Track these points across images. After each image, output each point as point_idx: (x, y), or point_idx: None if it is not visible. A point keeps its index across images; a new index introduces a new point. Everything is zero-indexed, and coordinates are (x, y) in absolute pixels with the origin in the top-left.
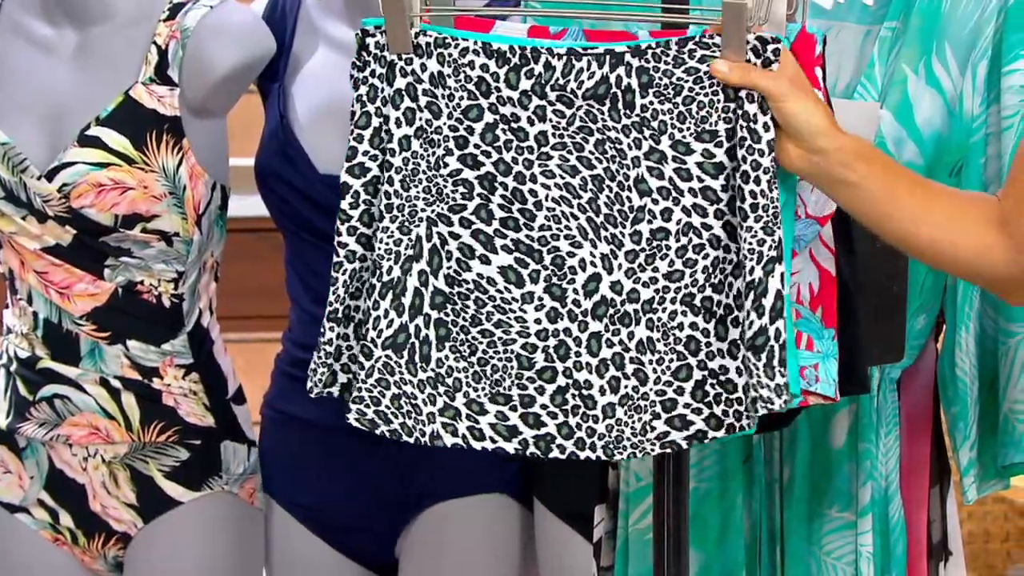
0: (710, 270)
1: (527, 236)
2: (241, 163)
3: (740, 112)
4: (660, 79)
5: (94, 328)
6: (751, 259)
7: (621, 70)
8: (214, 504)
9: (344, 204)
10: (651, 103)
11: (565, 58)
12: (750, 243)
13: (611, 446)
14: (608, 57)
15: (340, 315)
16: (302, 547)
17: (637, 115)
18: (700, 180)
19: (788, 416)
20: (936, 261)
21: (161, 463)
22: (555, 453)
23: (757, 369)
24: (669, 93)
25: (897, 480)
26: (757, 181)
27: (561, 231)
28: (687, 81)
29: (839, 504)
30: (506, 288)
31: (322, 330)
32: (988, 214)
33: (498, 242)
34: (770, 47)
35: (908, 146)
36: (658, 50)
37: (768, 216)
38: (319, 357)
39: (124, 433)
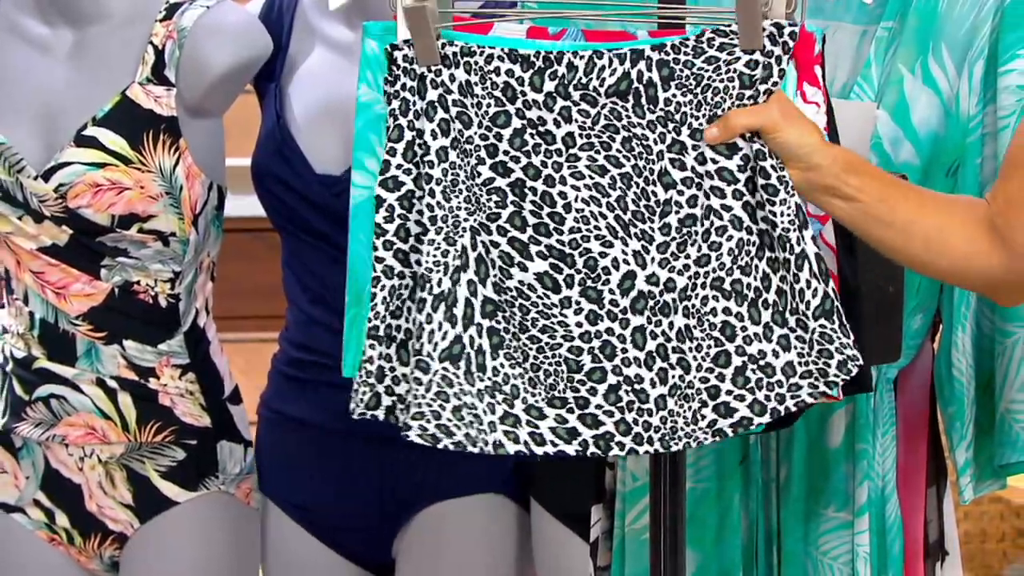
0: (736, 252)
1: (558, 241)
2: (238, 163)
3: (753, 102)
4: (681, 71)
5: (90, 328)
6: (793, 230)
7: (642, 64)
8: (210, 504)
9: (379, 218)
10: (673, 96)
11: (587, 57)
12: (788, 216)
13: (667, 438)
14: (629, 54)
15: (381, 333)
16: (298, 547)
17: (661, 109)
18: (715, 162)
19: (790, 417)
20: (928, 268)
21: (157, 463)
22: (615, 451)
23: (836, 332)
24: (691, 84)
25: (894, 480)
26: (773, 155)
27: (591, 232)
28: (707, 70)
29: (836, 504)
30: (545, 294)
31: (363, 349)
32: (978, 217)
33: (533, 249)
34: (787, 31)
35: (904, 146)
36: (678, 42)
37: (790, 187)
38: (361, 377)
39: (120, 433)
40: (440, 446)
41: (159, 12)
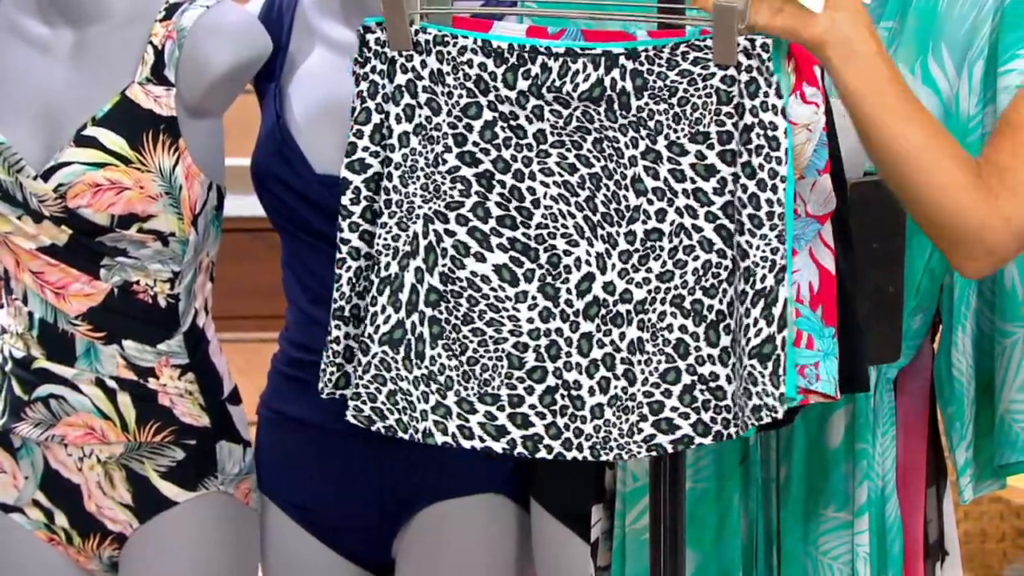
0: (700, 272)
1: (524, 234)
2: (238, 163)
3: (747, 120)
4: (654, 82)
5: (90, 328)
6: (763, 267)
7: (616, 73)
8: (209, 504)
9: (345, 200)
10: (646, 104)
11: (561, 59)
12: (763, 251)
13: (598, 447)
14: (603, 59)
15: (347, 314)
16: (298, 547)
17: (633, 115)
18: (692, 181)
19: (788, 416)
20: (922, 195)
21: (157, 463)
22: (542, 453)
23: (763, 377)
24: (664, 95)
25: (894, 480)
26: (775, 190)
27: (558, 229)
28: (681, 83)
29: (836, 504)
30: (500, 287)
31: (329, 329)
32: (969, 169)
33: (494, 240)
34: (759, 43)
35: None
36: (652, 52)
37: (782, 225)
38: (328, 357)
39: (120, 433)
40: (373, 428)
41: (159, 12)
